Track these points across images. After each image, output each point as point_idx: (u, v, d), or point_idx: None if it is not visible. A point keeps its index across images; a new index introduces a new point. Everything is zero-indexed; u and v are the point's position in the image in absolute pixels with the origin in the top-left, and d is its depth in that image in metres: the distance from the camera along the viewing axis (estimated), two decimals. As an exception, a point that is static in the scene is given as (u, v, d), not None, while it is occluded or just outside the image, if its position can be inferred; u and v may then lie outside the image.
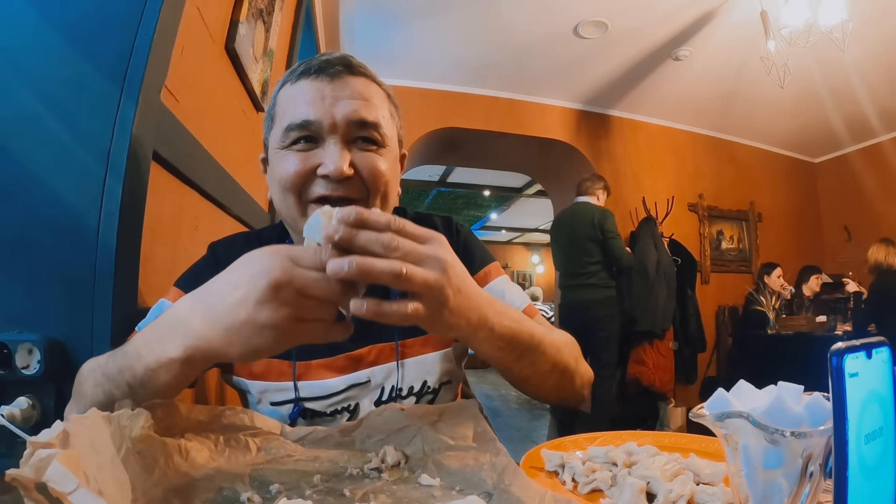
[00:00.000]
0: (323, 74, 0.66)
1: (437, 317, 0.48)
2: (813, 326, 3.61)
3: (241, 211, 1.29)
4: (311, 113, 0.64)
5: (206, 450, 0.47)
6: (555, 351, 0.63)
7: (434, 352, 0.72)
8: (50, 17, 0.73)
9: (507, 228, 10.24)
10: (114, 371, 0.50)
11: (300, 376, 0.68)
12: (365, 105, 0.66)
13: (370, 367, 0.70)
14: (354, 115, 0.65)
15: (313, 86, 0.66)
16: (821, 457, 0.30)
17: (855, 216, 4.66)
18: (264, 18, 1.43)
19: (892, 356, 0.29)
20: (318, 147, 0.65)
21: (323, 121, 0.64)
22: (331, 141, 0.64)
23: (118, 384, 0.49)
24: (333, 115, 0.64)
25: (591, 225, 3.10)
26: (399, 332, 0.71)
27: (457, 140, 4.07)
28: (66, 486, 0.30)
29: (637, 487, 0.42)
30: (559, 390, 0.67)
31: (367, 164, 0.66)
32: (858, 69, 3.35)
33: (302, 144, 0.65)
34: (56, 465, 0.30)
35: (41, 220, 0.71)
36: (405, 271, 0.45)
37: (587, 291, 3.14)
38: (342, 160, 0.63)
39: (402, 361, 0.70)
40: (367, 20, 3.04)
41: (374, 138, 0.67)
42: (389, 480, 0.46)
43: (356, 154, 0.65)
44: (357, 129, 0.65)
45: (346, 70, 0.67)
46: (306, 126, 0.64)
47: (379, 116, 0.67)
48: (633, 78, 3.65)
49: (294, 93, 0.67)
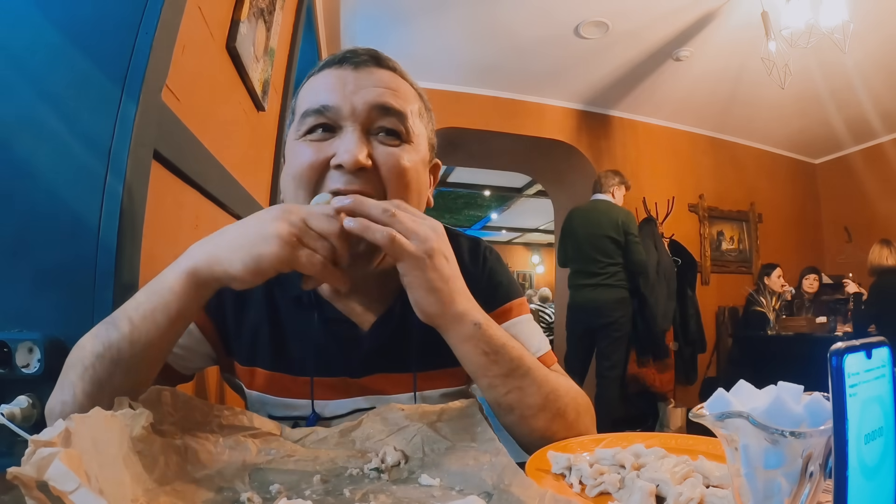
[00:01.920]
0: (347, 63, 0.62)
1: (415, 282, 0.53)
2: (813, 327, 3.61)
3: (241, 210, 1.29)
4: (329, 98, 0.60)
5: (205, 451, 0.47)
6: (549, 389, 0.59)
7: (445, 388, 0.70)
8: (51, 17, 0.73)
9: (507, 228, 10.23)
10: (112, 317, 0.52)
11: (307, 394, 0.66)
12: (391, 93, 0.61)
13: (378, 395, 0.67)
14: (378, 100, 0.60)
15: (336, 73, 0.62)
16: (821, 457, 0.30)
17: (855, 217, 4.66)
18: (265, 18, 1.43)
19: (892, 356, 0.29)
20: (335, 137, 0.60)
21: (342, 106, 0.59)
22: (349, 128, 0.59)
23: (118, 323, 0.50)
24: (353, 101, 0.59)
25: (616, 226, 3.05)
26: (416, 363, 0.67)
27: (457, 140, 4.07)
28: (67, 485, 0.30)
29: (646, 490, 0.42)
30: (547, 434, 0.58)
31: (389, 158, 0.59)
32: (859, 70, 3.35)
33: (318, 134, 0.60)
34: (57, 464, 0.30)
35: (41, 220, 0.71)
36: (397, 238, 0.51)
37: (604, 292, 3.08)
38: (358, 148, 0.57)
39: (419, 394, 0.67)
40: (367, 20, 3.04)
41: (399, 131, 0.61)
42: (389, 480, 0.46)
43: (377, 146, 0.60)
44: (379, 116, 0.60)
45: (373, 61, 0.63)
46: (323, 111, 0.60)
47: (406, 108, 0.62)
48: (634, 78, 3.65)
49: (317, 82, 0.63)
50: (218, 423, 0.52)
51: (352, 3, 2.86)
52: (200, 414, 0.51)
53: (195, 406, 0.52)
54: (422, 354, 0.67)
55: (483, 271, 0.73)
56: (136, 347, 0.49)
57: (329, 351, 0.67)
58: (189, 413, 0.51)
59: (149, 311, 0.50)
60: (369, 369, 0.67)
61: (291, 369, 0.67)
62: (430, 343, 0.65)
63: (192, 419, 0.51)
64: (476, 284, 0.69)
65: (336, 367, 0.67)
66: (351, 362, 0.67)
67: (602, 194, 3.23)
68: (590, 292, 3.13)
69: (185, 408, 0.51)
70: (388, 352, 0.67)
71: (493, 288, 0.73)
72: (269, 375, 0.67)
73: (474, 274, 0.71)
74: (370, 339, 0.67)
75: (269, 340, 0.67)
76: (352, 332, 0.67)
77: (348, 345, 0.67)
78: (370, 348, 0.67)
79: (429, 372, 0.68)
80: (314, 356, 0.66)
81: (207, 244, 0.52)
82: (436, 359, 0.67)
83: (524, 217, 9.07)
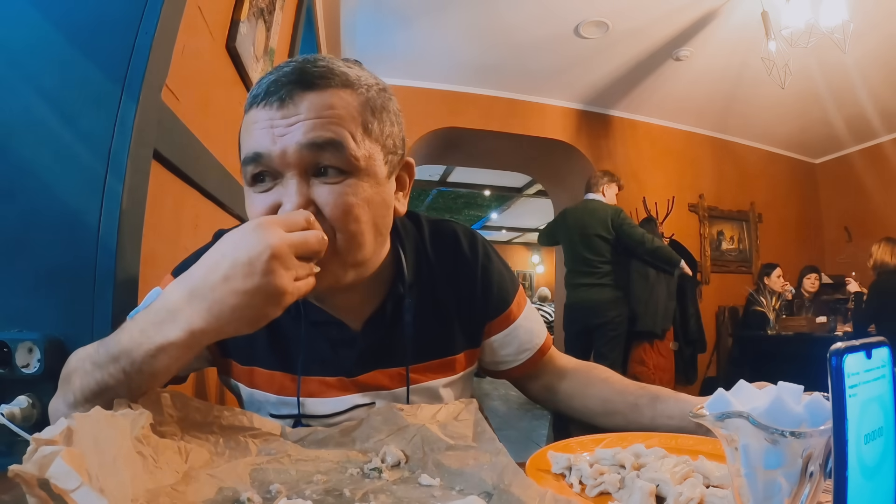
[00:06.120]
0: (272, 99, 0.56)
1: None
2: (813, 327, 3.60)
3: (241, 210, 1.29)
4: (260, 145, 0.56)
5: (206, 451, 0.47)
6: None
7: (441, 378, 0.71)
8: (51, 17, 0.73)
9: (507, 228, 10.24)
10: (105, 359, 0.49)
11: (306, 392, 0.66)
12: (322, 123, 0.55)
13: (375, 391, 0.68)
14: (306, 138, 0.54)
15: (263, 114, 0.56)
16: (821, 457, 0.30)
17: (855, 217, 4.65)
18: (265, 18, 1.43)
19: (892, 356, 0.29)
20: (278, 182, 0.57)
21: (272, 152, 0.55)
22: (287, 175, 0.56)
23: (112, 372, 0.48)
24: (284, 146, 0.54)
25: (605, 224, 3.07)
26: (409, 358, 0.68)
27: (457, 140, 4.07)
28: (69, 483, 0.30)
29: (646, 490, 0.42)
30: None
31: (332, 199, 0.56)
32: (859, 70, 3.35)
33: (263, 183, 0.58)
34: (59, 463, 0.30)
35: (42, 219, 0.71)
36: None
37: (599, 291, 3.11)
38: (298, 197, 0.54)
39: (411, 387, 0.68)
40: (367, 20, 3.04)
41: (340, 164, 0.56)
42: (389, 480, 0.46)
43: (319, 188, 0.56)
44: (315, 153, 0.55)
45: (299, 87, 0.56)
46: (258, 160, 0.56)
47: (342, 135, 0.55)
48: (634, 78, 3.65)
49: (248, 122, 0.58)
50: (218, 423, 0.52)
51: (352, 3, 2.85)
52: (200, 415, 0.51)
53: (195, 407, 0.52)
54: (415, 348, 0.68)
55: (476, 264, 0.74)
56: (133, 391, 0.49)
57: (322, 353, 0.67)
58: (189, 414, 0.51)
59: (146, 363, 0.48)
60: (366, 367, 0.68)
61: (290, 368, 0.67)
62: (423, 336, 0.69)
63: (192, 420, 0.51)
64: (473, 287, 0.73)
65: (331, 368, 0.67)
66: (346, 362, 0.67)
67: (592, 193, 3.25)
68: (585, 292, 3.16)
69: (185, 409, 0.51)
70: (382, 348, 0.68)
71: (488, 288, 0.74)
72: (269, 374, 0.67)
73: (470, 269, 0.73)
74: (363, 338, 0.67)
75: (267, 341, 0.67)
76: (343, 333, 0.67)
77: (341, 346, 0.68)
78: (364, 347, 0.67)
79: (424, 364, 0.69)
80: (305, 359, 0.66)
81: (201, 300, 0.47)
82: (429, 351, 0.70)
83: (524, 217, 9.07)
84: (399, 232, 0.71)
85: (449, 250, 0.73)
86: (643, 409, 0.70)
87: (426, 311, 0.69)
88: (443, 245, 0.73)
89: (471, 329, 0.74)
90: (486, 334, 0.75)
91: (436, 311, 0.71)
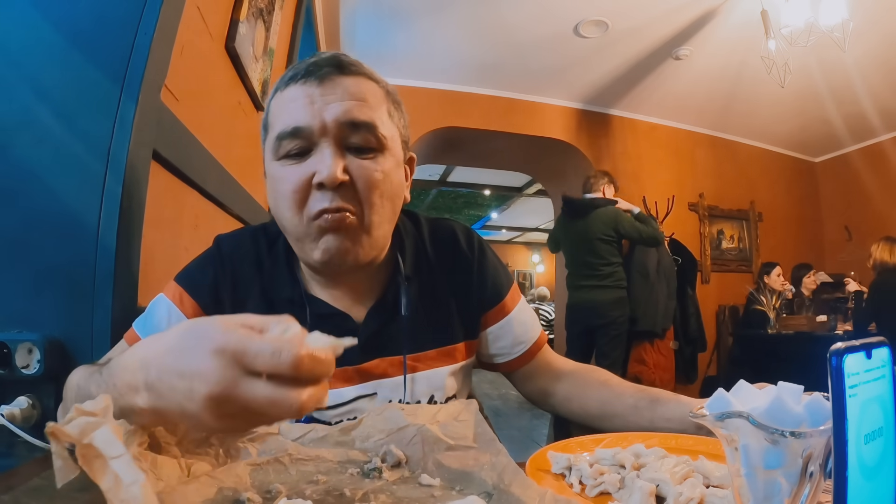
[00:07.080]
0: (312, 78, 0.62)
1: None
2: (813, 326, 3.60)
3: (241, 210, 1.29)
4: (300, 119, 0.61)
5: (207, 465, 0.47)
6: None
7: (443, 366, 0.72)
8: (50, 17, 0.73)
9: (507, 228, 10.24)
10: (95, 392, 0.43)
11: None
12: (358, 105, 0.62)
13: (378, 379, 0.69)
14: (346, 116, 0.61)
15: (302, 91, 0.62)
16: (821, 457, 0.30)
17: (855, 216, 4.65)
18: (264, 18, 1.43)
19: (892, 356, 0.28)
20: (311, 155, 0.61)
21: (313, 125, 0.60)
22: (324, 145, 0.61)
23: None
24: (323, 119, 0.60)
25: (606, 226, 3.08)
26: (408, 346, 0.70)
27: (457, 139, 4.07)
28: (112, 450, 0.30)
29: (646, 490, 0.42)
30: None
31: (363, 172, 0.61)
32: (859, 69, 3.35)
33: (295, 157, 0.62)
34: (106, 430, 0.31)
35: (41, 220, 0.71)
36: None
37: (601, 292, 3.11)
38: (335, 165, 0.59)
39: (411, 376, 0.70)
40: (367, 19, 3.03)
41: (371, 143, 0.62)
42: (389, 480, 0.46)
43: (352, 161, 0.61)
44: (350, 131, 0.61)
45: (337, 70, 0.63)
46: (297, 133, 0.61)
47: (374, 117, 0.63)
48: (634, 77, 3.65)
49: (284, 99, 0.64)
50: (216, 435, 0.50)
51: (351, 2, 2.85)
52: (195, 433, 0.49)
53: None
54: (415, 336, 0.70)
55: (473, 258, 0.76)
56: None
57: None
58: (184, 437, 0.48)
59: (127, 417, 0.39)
60: (369, 355, 0.69)
61: None
62: (423, 324, 0.71)
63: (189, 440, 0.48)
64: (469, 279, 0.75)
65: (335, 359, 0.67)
66: (350, 352, 0.67)
67: (591, 195, 3.25)
68: (587, 293, 3.17)
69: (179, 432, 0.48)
70: (385, 336, 0.70)
71: (482, 280, 0.76)
72: None
73: (465, 263, 0.76)
74: (365, 328, 0.69)
75: None
76: (346, 324, 0.69)
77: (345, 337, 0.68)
78: (367, 335, 0.69)
79: (425, 352, 0.71)
80: None
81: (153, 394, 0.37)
82: (430, 340, 0.72)
83: (524, 216, 9.08)
84: (399, 229, 0.73)
85: (447, 246, 0.76)
86: (642, 412, 0.70)
87: (426, 301, 0.72)
88: (441, 242, 0.77)
89: (468, 320, 0.76)
90: (482, 325, 0.78)
91: (435, 301, 0.73)
